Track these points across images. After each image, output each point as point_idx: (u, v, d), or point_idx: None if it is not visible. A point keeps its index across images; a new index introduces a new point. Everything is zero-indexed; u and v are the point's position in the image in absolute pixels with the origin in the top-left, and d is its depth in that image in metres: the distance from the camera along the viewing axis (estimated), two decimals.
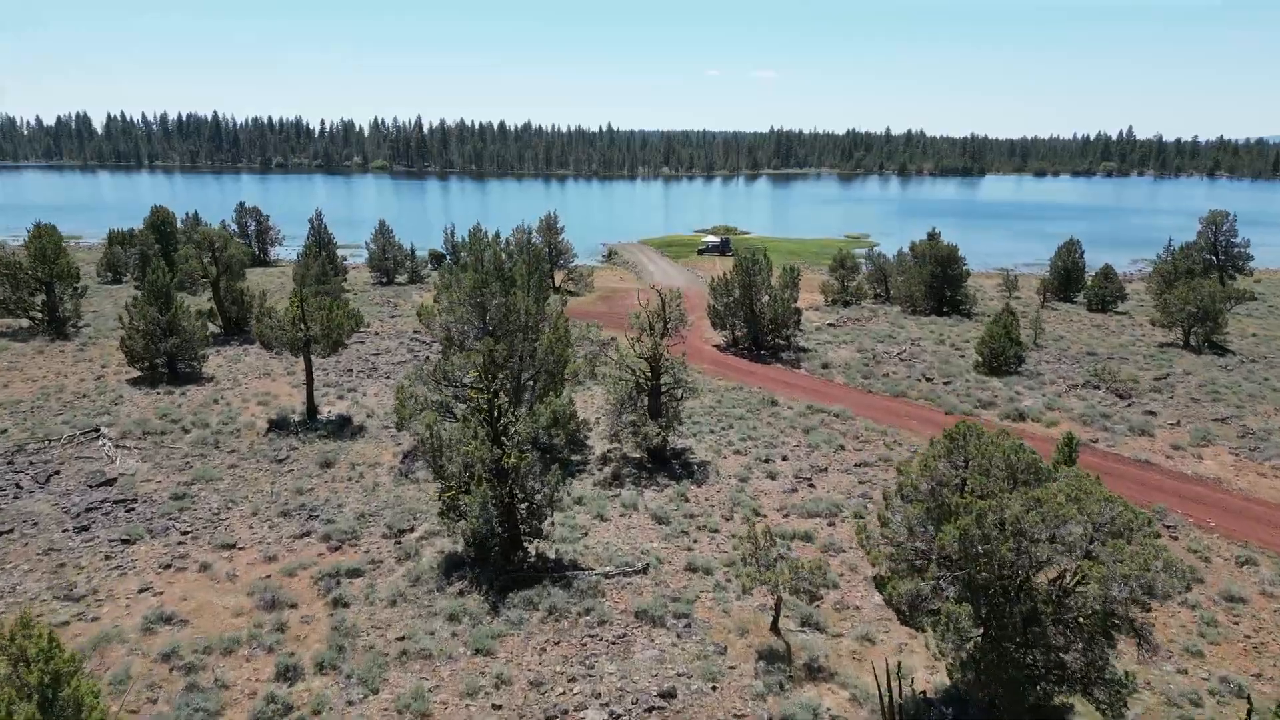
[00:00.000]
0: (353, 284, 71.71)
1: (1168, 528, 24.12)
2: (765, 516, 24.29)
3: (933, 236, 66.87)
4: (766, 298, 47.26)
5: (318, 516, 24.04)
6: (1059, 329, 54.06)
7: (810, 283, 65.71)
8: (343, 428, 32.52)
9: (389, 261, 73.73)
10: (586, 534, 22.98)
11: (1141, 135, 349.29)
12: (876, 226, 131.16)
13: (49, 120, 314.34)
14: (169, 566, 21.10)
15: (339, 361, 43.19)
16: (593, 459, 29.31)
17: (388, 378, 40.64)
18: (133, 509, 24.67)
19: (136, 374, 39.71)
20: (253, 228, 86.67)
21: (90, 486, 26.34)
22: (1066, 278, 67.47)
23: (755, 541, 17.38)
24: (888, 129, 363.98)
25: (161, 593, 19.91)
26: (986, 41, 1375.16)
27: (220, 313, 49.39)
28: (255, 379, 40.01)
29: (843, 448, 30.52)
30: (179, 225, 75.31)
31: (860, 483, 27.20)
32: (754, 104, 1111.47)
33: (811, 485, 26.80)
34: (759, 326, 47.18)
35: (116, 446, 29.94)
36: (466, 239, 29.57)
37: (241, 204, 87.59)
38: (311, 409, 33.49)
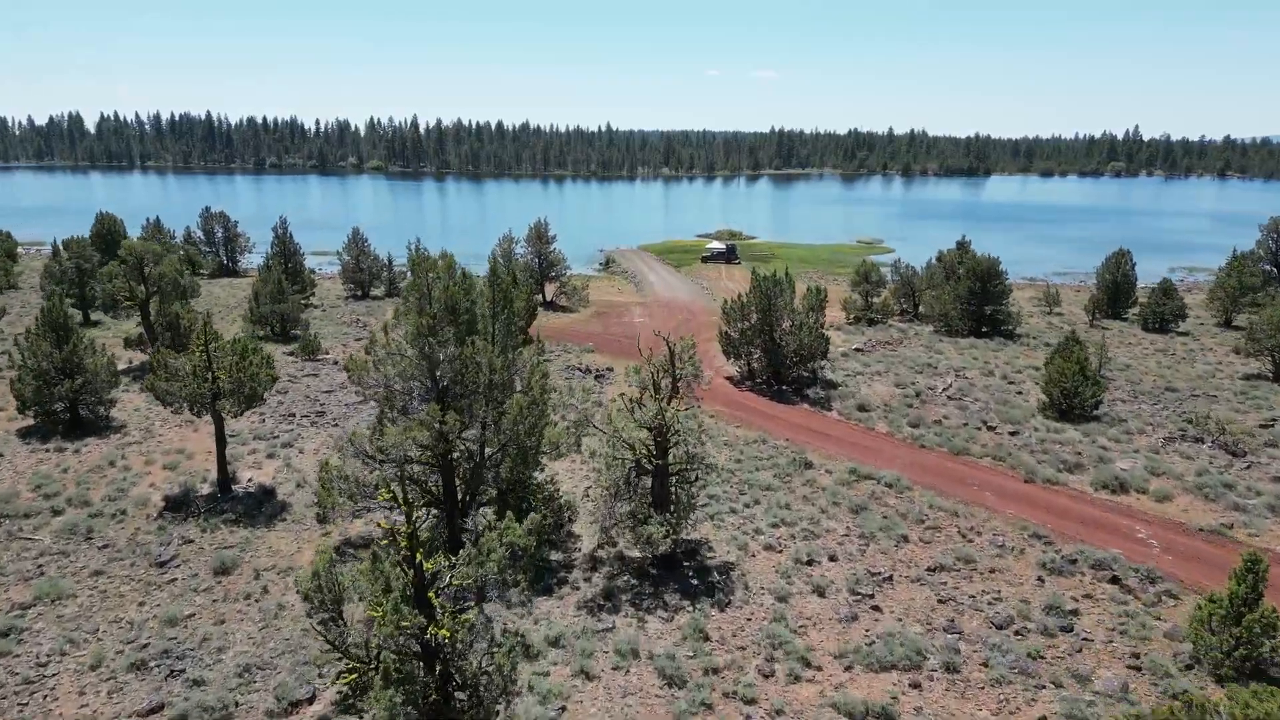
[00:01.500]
0: (323, 298, 64.65)
1: None
2: (820, 670, 17.21)
3: (963, 246, 59.95)
4: (789, 323, 40.21)
5: (183, 673, 16.91)
6: (1121, 355, 47.00)
7: (828, 295, 58.61)
8: (261, 505, 25.44)
9: (363, 273, 66.70)
10: (565, 708, 15.90)
11: (1147, 135, 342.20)
12: (884, 229, 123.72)
13: (41, 120, 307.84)
14: None
15: (281, 403, 36.18)
16: (579, 558, 22.21)
17: (335, 425, 33.58)
18: None
19: (32, 421, 32.76)
20: (220, 235, 79.49)
21: None
22: (1116, 292, 60.39)
23: None
24: (890, 129, 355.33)
25: None
26: (987, 41, 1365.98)
27: (150, 340, 42.29)
28: (174, 428, 32.93)
29: (906, 538, 23.38)
30: (152, 233, 68.44)
31: (940, 601, 20.05)
32: (754, 104, 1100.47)
33: (875, 607, 19.66)
34: (780, 357, 40.10)
35: None
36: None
37: (208, 209, 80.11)
38: (224, 480, 26.38)
